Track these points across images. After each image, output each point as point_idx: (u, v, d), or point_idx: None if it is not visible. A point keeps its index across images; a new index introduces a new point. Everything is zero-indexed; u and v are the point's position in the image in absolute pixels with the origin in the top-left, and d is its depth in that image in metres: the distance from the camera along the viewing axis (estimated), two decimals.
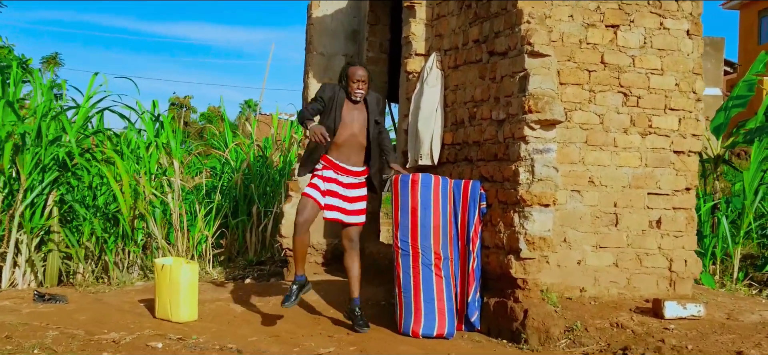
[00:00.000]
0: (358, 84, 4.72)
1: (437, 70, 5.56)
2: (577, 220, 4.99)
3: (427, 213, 4.69)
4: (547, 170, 4.51)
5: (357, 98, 4.75)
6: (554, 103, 4.49)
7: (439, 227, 4.71)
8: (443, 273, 4.71)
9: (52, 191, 7.31)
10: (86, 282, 7.72)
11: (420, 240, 4.71)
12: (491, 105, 4.95)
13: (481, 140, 5.05)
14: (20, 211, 6.88)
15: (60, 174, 7.35)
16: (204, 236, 9.32)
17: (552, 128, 4.55)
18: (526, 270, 4.53)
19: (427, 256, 4.71)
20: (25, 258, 7.08)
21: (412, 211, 4.72)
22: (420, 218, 4.70)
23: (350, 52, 7.47)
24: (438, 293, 4.69)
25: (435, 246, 4.70)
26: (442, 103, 5.53)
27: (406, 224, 4.74)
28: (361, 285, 6.58)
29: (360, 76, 4.72)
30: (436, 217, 4.70)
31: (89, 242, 7.82)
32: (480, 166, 5.05)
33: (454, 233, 4.75)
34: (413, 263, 4.72)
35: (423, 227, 4.70)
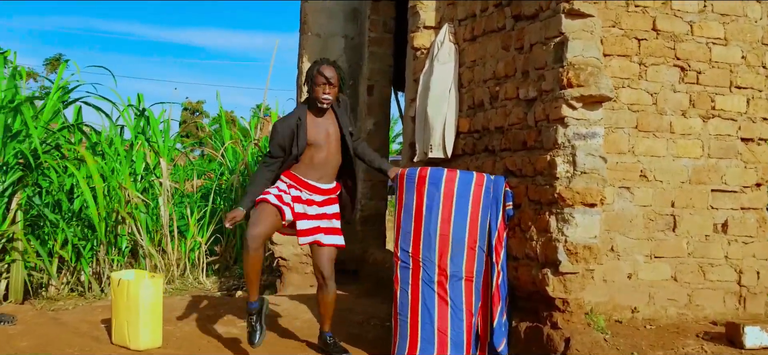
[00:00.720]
0: (324, 87, 3.81)
1: (450, 43, 4.62)
2: (627, 223, 4.03)
3: (432, 218, 3.71)
4: (593, 160, 3.55)
5: (323, 104, 3.83)
6: (600, 74, 3.53)
7: (447, 235, 3.70)
8: (450, 295, 3.70)
9: (15, 193, 6.44)
10: (59, 296, 6.88)
11: (421, 251, 3.73)
12: (518, 81, 4.00)
13: (505, 126, 4.10)
14: None
15: (24, 174, 6.47)
16: (197, 243, 8.46)
17: (597, 107, 3.59)
18: (567, 288, 3.57)
19: (428, 271, 3.72)
20: None
21: (415, 214, 3.76)
22: (424, 224, 3.72)
23: (350, 33, 6.55)
24: (440, 317, 3.70)
25: (440, 259, 3.70)
26: (457, 82, 4.59)
27: (408, 230, 3.78)
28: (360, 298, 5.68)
29: (329, 76, 3.80)
30: (444, 223, 3.70)
31: (63, 251, 6.96)
32: (504, 157, 4.09)
33: (480, 244, 3.76)
34: (412, 279, 3.76)
35: (427, 235, 3.72)
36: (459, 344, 3.66)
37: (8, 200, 6.38)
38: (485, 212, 3.76)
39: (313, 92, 3.85)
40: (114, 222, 7.48)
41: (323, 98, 3.82)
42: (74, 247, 7.04)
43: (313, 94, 3.84)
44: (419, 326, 3.68)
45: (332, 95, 3.85)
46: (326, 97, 3.82)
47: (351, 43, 6.58)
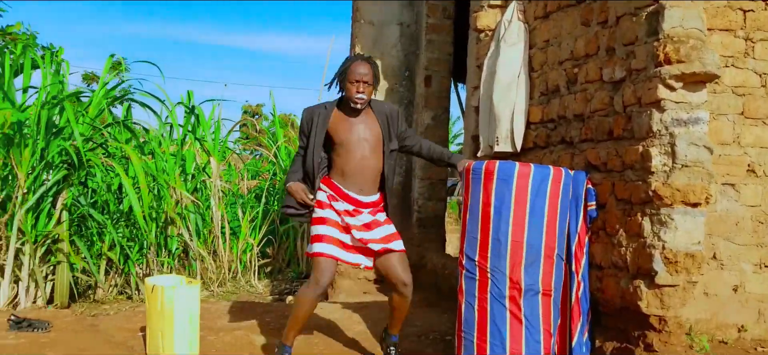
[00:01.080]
0: (357, 85, 3.37)
1: (519, 22, 4.08)
2: (732, 226, 3.41)
3: (502, 220, 3.17)
4: (696, 151, 2.97)
5: (357, 104, 3.40)
6: (704, 48, 2.95)
7: (520, 242, 3.15)
8: (524, 313, 3.15)
9: (61, 193, 6.21)
10: (106, 298, 6.65)
11: (490, 260, 3.20)
12: (601, 60, 3.44)
13: (586, 113, 3.54)
14: (19, 215, 5.79)
15: (69, 173, 6.23)
16: (249, 245, 8.16)
17: (701, 87, 3.00)
18: (664, 303, 3.00)
19: (498, 284, 3.17)
20: (28, 271, 6.00)
21: (482, 216, 3.23)
22: (492, 227, 3.18)
23: (406, 20, 6.07)
24: (512, 338, 3.15)
25: (512, 270, 3.16)
26: (527, 66, 4.05)
27: (475, 234, 3.25)
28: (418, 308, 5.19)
29: (362, 74, 3.36)
30: (516, 227, 3.15)
31: (111, 253, 6.72)
32: (585, 149, 3.54)
33: (559, 251, 3.22)
34: (479, 292, 3.23)
35: (496, 241, 3.17)
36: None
37: (53, 199, 6.16)
38: (564, 213, 3.22)
39: (345, 91, 3.43)
40: (163, 223, 7.23)
41: (357, 98, 3.39)
42: (123, 248, 6.81)
43: (346, 94, 3.42)
44: (488, 348, 3.15)
45: (367, 94, 3.41)
46: (361, 97, 3.39)
47: (407, 31, 6.10)
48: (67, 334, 4.47)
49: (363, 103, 3.41)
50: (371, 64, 3.42)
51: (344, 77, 3.41)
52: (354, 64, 3.38)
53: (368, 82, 3.38)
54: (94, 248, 6.73)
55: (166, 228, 7.31)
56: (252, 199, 9.68)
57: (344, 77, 3.41)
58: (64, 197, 6.16)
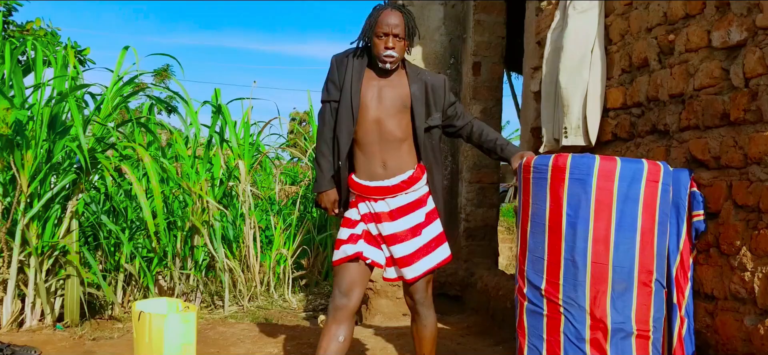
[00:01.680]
0: (386, 39, 2.70)
1: None
2: None
3: (578, 235, 2.35)
4: None
5: (386, 63, 2.73)
6: None
7: (605, 264, 2.32)
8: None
9: (70, 199, 5.62)
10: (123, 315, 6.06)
11: (563, 289, 2.38)
12: (709, 20, 2.58)
13: (687, 91, 2.69)
14: (23, 224, 5.22)
15: (79, 176, 5.64)
16: (283, 257, 7.49)
17: None
18: None
19: (575, 322, 2.34)
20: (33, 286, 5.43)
21: (551, 228, 2.42)
22: (565, 245, 2.37)
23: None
24: None
25: (594, 304, 2.32)
26: (603, 38, 3.21)
27: (540, 254, 2.44)
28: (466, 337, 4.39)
29: (392, 25, 2.69)
30: (598, 244, 2.33)
31: (130, 265, 6.12)
32: (687, 140, 2.68)
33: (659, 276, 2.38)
34: (548, 331, 2.41)
35: (570, 263, 2.36)
36: None
37: (62, 206, 5.57)
38: (663, 224, 2.39)
39: (373, 47, 2.74)
40: (189, 232, 6.61)
41: (386, 56, 2.71)
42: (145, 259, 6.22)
43: (374, 50, 2.73)
44: None
45: (398, 51, 2.72)
46: (390, 54, 2.70)
47: (452, 12, 5.30)
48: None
49: (393, 62, 2.72)
50: (404, 14, 2.73)
51: (371, 31, 2.72)
52: (383, 14, 2.70)
53: (399, 35, 2.69)
54: (110, 260, 6.16)
55: (192, 237, 6.70)
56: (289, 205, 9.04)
57: (371, 31, 2.72)
58: (73, 203, 5.57)
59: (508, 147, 2.85)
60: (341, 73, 2.77)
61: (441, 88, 2.84)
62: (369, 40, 2.74)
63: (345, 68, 2.77)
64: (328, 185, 2.86)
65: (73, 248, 5.51)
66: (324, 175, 2.87)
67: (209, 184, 7.01)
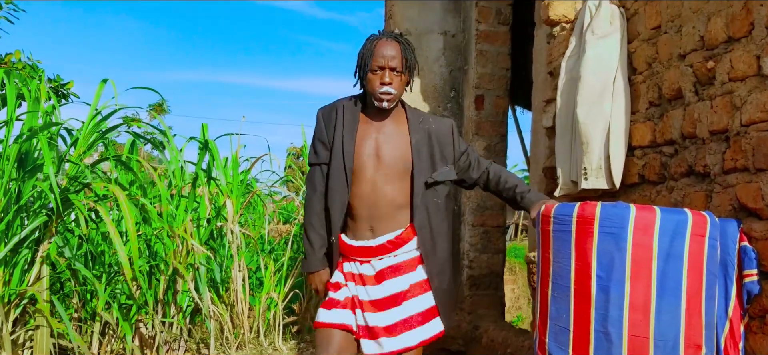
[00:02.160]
0: (382, 74, 2.36)
1: (611, 6, 2.89)
2: None
3: (612, 302, 1.94)
4: None
5: (383, 103, 2.36)
6: None
7: (646, 338, 1.92)
8: None
9: (41, 243, 5.21)
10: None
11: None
12: (758, 44, 2.20)
13: (731, 129, 2.30)
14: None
15: (50, 219, 5.24)
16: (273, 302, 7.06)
17: None
18: None
19: None
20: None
21: (578, 293, 2.02)
22: (595, 313, 1.97)
23: (451, 28, 4.93)
24: None
25: None
26: (626, 67, 2.84)
27: (565, 323, 2.03)
28: None
29: (387, 57, 2.34)
30: (637, 312, 1.93)
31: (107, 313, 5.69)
32: (734, 184, 2.28)
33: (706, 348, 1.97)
34: None
35: (601, 334, 1.95)
36: None
37: (32, 251, 5.17)
38: (711, 287, 1.98)
39: (367, 83, 2.39)
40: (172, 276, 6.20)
41: (382, 93, 2.36)
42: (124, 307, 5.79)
43: (368, 86, 2.38)
44: None
45: (396, 87, 2.36)
46: (386, 91, 2.35)
47: (452, 42, 4.95)
48: None
49: (391, 100, 2.36)
50: (402, 44, 2.37)
51: (366, 63, 2.37)
52: (377, 46, 2.34)
53: (397, 68, 2.33)
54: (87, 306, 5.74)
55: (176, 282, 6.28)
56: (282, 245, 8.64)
57: (366, 63, 2.37)
58: (44, 247, 5.16)
59: (529, 195, 2.48)
60: (330, 130, 2.40)
61: (448, 135, 2.50)
62: (363, 77, 2.37)
63: (334, 123, 2.40)
64: (319, 265, 2.50)
65: (42, 296, 5.09)
66: (315, 253, 2.51)
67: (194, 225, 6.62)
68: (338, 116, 2.39)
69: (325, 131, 2.41)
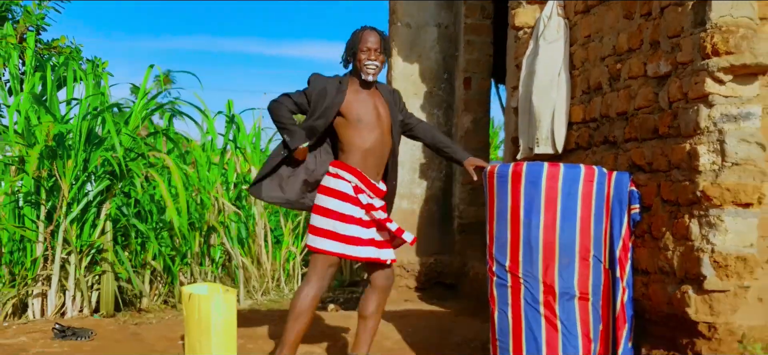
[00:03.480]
0: (368, 53, 3.27)
1: (559, 18, 3.94)
2: None
3: (532, 223, 3.05)
4: (747, 148, 2.79)
5: (368, 74, 3.29)
6: (756, 37, 2.77)
7: (553, 244, 3.03)
8: (560, 318, 3.03)
9: (104, 203, 6.30)
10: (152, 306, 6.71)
11: (522, 265, 3.08)
12: (645, 55, 3.27)
13: (630, 111, 3.39)
14: (64, 226, 5.90)
15: (112, 183, 6.32)
16: (292, 254, 8.13)
17: (753, 80, 2.82)
18: (714, 309, 2.83)
19: (532, 289, 3.06)
20: (74, 281, 6.10)
21: (512, 220, 3.11)
22: (523, 232, 3.07)
23: (444, 20, 5.97)
24: (548, 345, 3.03)
25: (545, 274, 3.04)
26: (568, 64, 3.90)
27: (504, 240, 3.14)
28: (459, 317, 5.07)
29: (372, 43, 3.27)
30: (547, 229, 3.04)
31: (155, 262, 6.79)
32: (630, 149, 3.38)
33: (595, 253, 3.08)
34: (512, 298, 3.12)
35: (527, 245, 3.06)
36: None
37: (97, 209, 6.25)
38: (599, 213, 3.08)
39: (355, 61, 3.31)
40: (206, 232, 7.28)
41: (368, 65, 3.27)
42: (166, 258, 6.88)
43: (357, 64, 3.29)
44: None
45: (379, 63, 3.30)
46: (372, 64, 3.27)
47: (445, 33, 5.99)
48: (109, 342, 4.52)
49: (375, 73, 3.29)
50: (381, 34, 3.31)
51: (355, 48, 3.30)
52: (364, 33, 3.29)
53: (378, 49, 3.27)
54: (138, 257, 6.81)
55: (209, 237, 7.36)
56: None
57: (355, 48, 3.30)
58: (107, 207, 6.24)
59: (460, 152, 3.51)
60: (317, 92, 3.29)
61: (398, 98, 3.47)
62: (353, 57, 3.31)
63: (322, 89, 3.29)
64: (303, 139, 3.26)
65: (108, 246, 6.20)
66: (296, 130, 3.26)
67: (224, 188, 7.70)
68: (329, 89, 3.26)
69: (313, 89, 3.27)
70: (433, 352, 4.13)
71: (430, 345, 4.26)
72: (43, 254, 5.89)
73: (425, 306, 5.54)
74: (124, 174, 6.21)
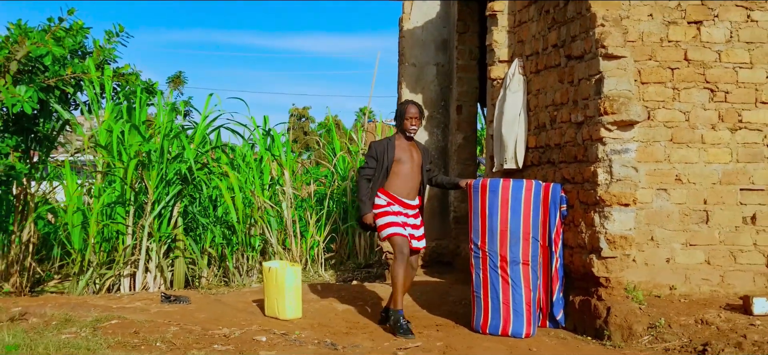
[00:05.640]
0: (411, 120, 5.10)
1: (520, 75, 5.72)
2: (664, 218, 5.00)
3: (494, 218, 4.85)
4: (626, 170, 4.58)
5: (411, 134, 5.11)
6: (631, 103, 4.56)
7: (506, 230, 4.82)
8: (510, 276, 4.81)
9: (176, 203, 8.08)
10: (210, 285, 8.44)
11: (487, 244, 4.88)
12: (570, 108, 5.07)
13: (561, 143, 5.18)
14: (149, 221, 7.67)
15: (182, 187, 8.11)
16: (316, 242, 9.86)
17: (630, 128, 4.61)
18: (608, 269, 4.62)
19: (493, 259, 4.86)
20: (155, 264, 7.87)
21: (481, 215, 4.91)
22: (488, 223, 4.87)
23: (441, 61, 7.74)
24: (504, 295, 4.82)
25: (501, 250, 4.83)
26: (526, 107, 5.69)
27: (478, 227, 4.95)
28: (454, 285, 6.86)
29: (413, 113, 5.10)
30: (503, 221, 4.82)
31: (211, 249, 8.56)
32: (562, 168, 5.17)
33: (533, 235, 4.87)
34: (482, 265, 4.92)
35: (490, 231, 4.86)
36: (519, 313, 4.80)
37: (171, 208, 8.02)
38: (535, 210, 4.86)
39: (402, 125, 5.13)
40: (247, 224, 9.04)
41: (411, 129, 5.11)
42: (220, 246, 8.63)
43: (402, 126, 5.12)
44: (489, 301, 4.85)
45: (417, 126, 5.13)
46: (413, 128, 5.12)
47: (442, 70, 7.78)
48: (203, 305, 6.25)
49: (415, 133, 5.13)
50: (418, 107, 5.14)
51: (402, 116, 5.12)
52: (408, 107, 5.11)
53: (416, 117, 5.11)
54: (199, 245, 8.57)
55: (250, 229, 9.13)
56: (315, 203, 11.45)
57: (402, 116, 5.12)
58: (178, 206, 8.04)
59: (454, 179, 5.33)
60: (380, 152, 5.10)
61: (427, 153, 5.29)
62: (400, 121, 5.14)
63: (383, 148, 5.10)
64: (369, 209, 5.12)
65: (181, 236, 7.99)
66: (366, 205, 5.14)
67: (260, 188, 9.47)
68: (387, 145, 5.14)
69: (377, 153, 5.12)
70: (435, 308, 5.89)
71: (432, 303, 6.03)
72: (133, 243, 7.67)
73: (429, 279, 7.32)
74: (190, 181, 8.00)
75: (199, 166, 8.35)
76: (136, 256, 7.74)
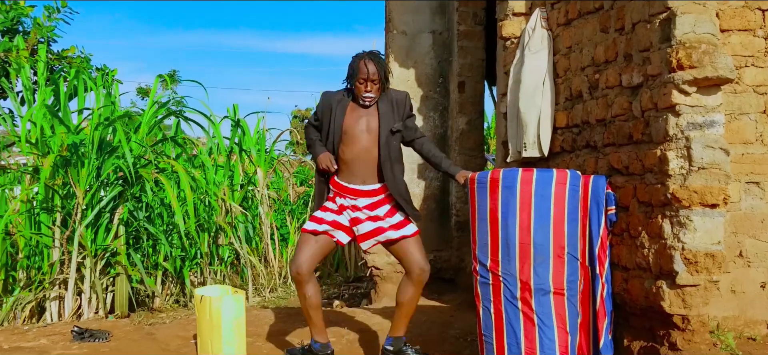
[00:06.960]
0: (365, 84, 3.56)
1: (542, 30, 4.18)
2: (758, 224, 3.45)
3: (510, 226, 3.29)
4: (712, 153, 3.04)
5: (365, 102, 3.60)
6: (717, 52, 3.02)
7: (528, 244, 3.27)
8: (536, 312, 3.27)
9: (117, 208, 6.58)
10: (163, 307, 6.99)
11: (501, 264, 3.34)
12: (620, 66, 3.52)
13: (607, 118, 3.63)
14: (79, 231, 6.17)
15: (124, 189, 6.60)
16: None
17: (716, 90, 3.07)
18: (686, 302, 3.08)
19: (510, 286, 3.31)
20: (90, 283, 6.38)
21: (491, 222, 3.36)
22: (501, 233, 3.32)
23: (438, 28, 6.21)
24: (527, 338, 3.27)
25: (522, 273, 3.28)
26: (552, 72, 4.15)
27: (485, 240, 3.39)
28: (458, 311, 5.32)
29: (369, 73, 3.53)
30: (522, 230, 3.28)
31: (166, 263, 7.08)
32: (609, 153, 3.63)
33: (570, 250, 3.32)
34: (494, 295, 3.38)
35: (504, 245, 3.31)
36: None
37: (110, 214, 6.52)
38: (573, 213, 3.31)
39: (355, 89, 3.60)
40: (215, 233, 7.56)
41: (365, 97, 3.58)
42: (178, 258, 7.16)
43: (356, 91, 3.60)
44: (505, 349, 3.29)
45: (374, 93, 3.58)
46: (368, 96, 3.58)
47: (439, 39, 6.24)
48: (126, 343, 4.78)
49: (371, 101, 3.59)
50: (378, 61, 3.55)
51: (354, 76, 3.58)
52: (361, 64, 3.54)
53: (375, 80, 3.53)
54: (151, 259, 7.09)
55: (218, 238, 7.65)
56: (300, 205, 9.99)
57: (354, 76, 3.58)
58: (120, 212, 6.53)
59: (452, 167, 3.76)
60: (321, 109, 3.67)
61: (402, 103, 3.69)
62: (352, 85, 3.60)
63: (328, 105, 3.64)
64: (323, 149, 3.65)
65: (121, 250, 6.48)
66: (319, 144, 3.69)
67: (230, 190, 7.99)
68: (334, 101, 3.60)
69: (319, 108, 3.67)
70: (433, 346, 4.37)
71: (430, 339, 4.51)
72: (60, 258, 6.18)
73: (425, 301, 5.79)
74: (135, 181, 6.49)
75: (145, 162, 6.86)
76: (66, 274, 6.25)
